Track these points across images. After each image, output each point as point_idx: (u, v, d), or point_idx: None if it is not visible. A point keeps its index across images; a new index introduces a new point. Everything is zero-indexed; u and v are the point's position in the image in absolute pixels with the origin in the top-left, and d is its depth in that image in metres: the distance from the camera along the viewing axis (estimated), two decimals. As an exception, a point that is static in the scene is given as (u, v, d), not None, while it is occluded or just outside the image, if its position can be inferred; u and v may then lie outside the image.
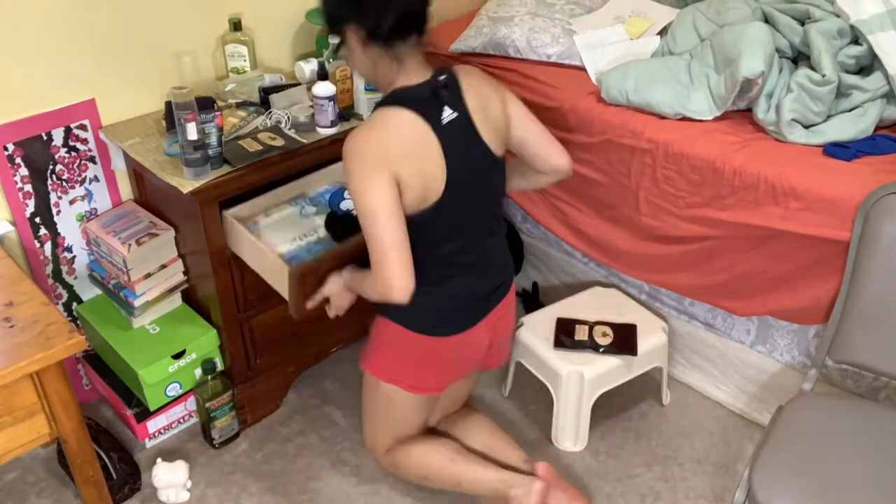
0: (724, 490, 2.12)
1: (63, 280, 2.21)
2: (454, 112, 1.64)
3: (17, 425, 1.61)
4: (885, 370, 1.77)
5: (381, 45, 1.58)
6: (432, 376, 1.88)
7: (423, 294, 1.73)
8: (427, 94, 1.62)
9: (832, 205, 1.82)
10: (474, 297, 1.81)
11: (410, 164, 1.58)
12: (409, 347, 1.81)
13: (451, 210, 1.67)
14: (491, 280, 1.83)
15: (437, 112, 1.62)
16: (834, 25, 2.05)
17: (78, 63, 2.02)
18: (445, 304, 1.78)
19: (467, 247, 1.76)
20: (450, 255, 1.74)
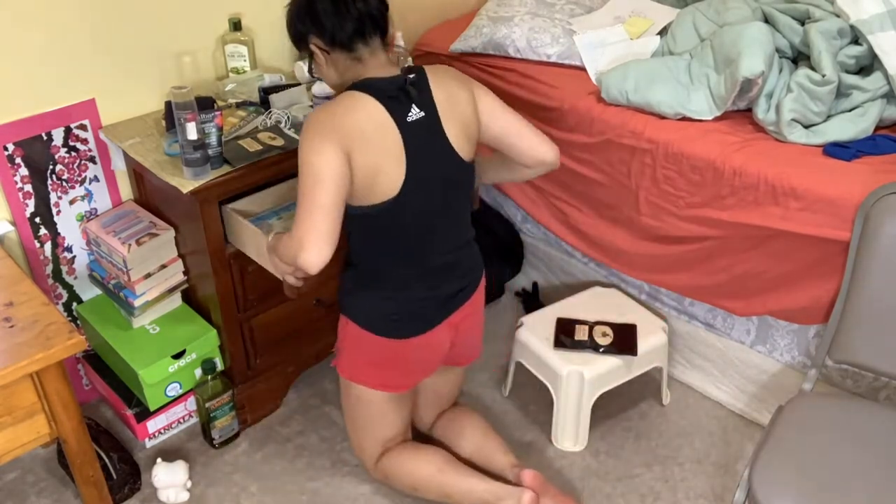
0: (724, 490, 2.12)
1: (63, 280, 2.21)
2: (421, 112, 1.65)
3: (17, 425, 1.61)
4: (885, 370, 1.77)
5: (343, 51, 1.63)
6: (395, 376, 1.90)
7: (380, 294, 1.77)
8: (394, 89, 1.63)
9: (832, 205, 1.82)
10: (434, 301, 1.81)
11: (365, 147, 1.58)
12: (369, 348, 1.83)
13: (410, 208, 1.66)
14: (453, 284, 1.83)
15: (404, 109, 1.63)
16: (834, 25, 2.05)
17: (78, 63, 2.02)
18: (404, 307, 1.79)
19: (429, 250, 1.76)
20: (408, 259, 1.74)
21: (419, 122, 1.64)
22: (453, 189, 1.75)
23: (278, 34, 2.38)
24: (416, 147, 1.63)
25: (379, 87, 1.62)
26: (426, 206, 1.70)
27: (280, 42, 2.41)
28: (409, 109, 1.63)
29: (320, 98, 2.02)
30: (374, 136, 1.59)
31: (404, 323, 1.80)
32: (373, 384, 1.89)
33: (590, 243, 2.40)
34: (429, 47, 2.62)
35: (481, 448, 2.04)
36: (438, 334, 1.84)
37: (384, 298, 1.78)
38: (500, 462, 1.99)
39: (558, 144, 2.30)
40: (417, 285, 1.78)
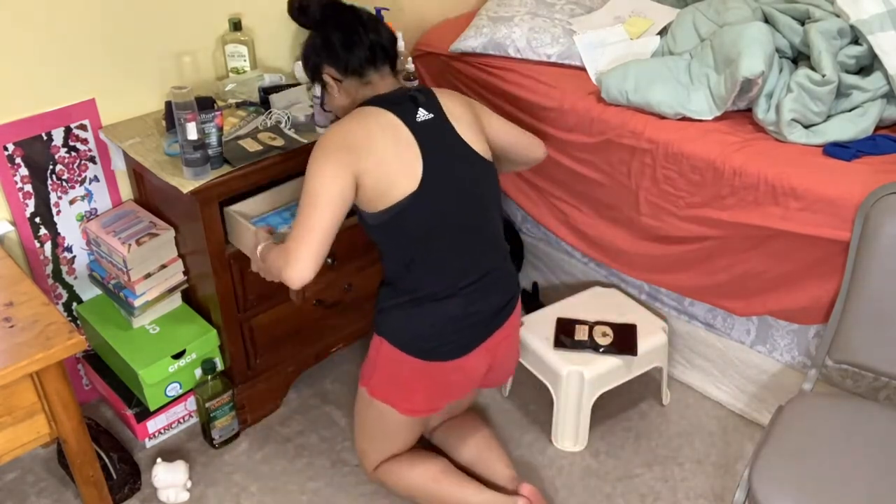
0: (724, 490, 2.12)
1: (63, 280, 2.21)
2: (429, 113, 1.70)
3: (17, 425, 1.61)
4: (885, 370, 1.77)
5: (355, 78, 1.72)
6: (425, 399, 1.87)
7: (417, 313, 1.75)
8: (400, 97, 1.71)
9: (832, 205, 1.82)
10: (473, 322, 1.78)
11: (377, 155, 1.62)
12: (403, 370, 1.80)
13: (432, 204, 1.66)
14: (492, 301, 1.80)
15: (412, 111, 1.68)
16: (834, 25, 2.05)
17: (78, 63, 2.02)
18: (442, 327, 1.75)
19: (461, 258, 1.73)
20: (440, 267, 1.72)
21: (429, 122, 1.69)
22: (477, 188, 1.74)
23: (278, 34, 2.39)
24: (430, 143, 1.67)
25: (385, 98, 1.71)
26: (448, 204, 1.69)
27: (280, 42, 2.41)
28: (417, 112, 1.69)
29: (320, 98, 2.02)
30: (386, 140, 1.64)
31: (442, 344, 1.77)
32: (401, 409, 1.86)
33: (590, 243, 2.40)
34: (429, 47, 2.62)
35: (482, 457, 2.02)
36: (475, 358, 1.82)
37: (423, 318, 1.75)
38: (500, 474, 1.98)
39: (558, 144, 2.32)
40: (454, 301, 1.74)
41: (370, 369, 1.88)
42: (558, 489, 2.13)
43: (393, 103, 1.69)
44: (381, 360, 1.83)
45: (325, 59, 1.75)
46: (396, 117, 1.66)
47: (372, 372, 1.87)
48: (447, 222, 1.70)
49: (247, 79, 2.23)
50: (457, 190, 1.70)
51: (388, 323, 1.80)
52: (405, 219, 1.65)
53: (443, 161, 1.67)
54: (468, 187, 1.72)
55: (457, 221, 1.71)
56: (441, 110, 1.72)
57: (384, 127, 1.65)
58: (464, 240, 1.73)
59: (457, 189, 1.70)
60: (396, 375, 1.83)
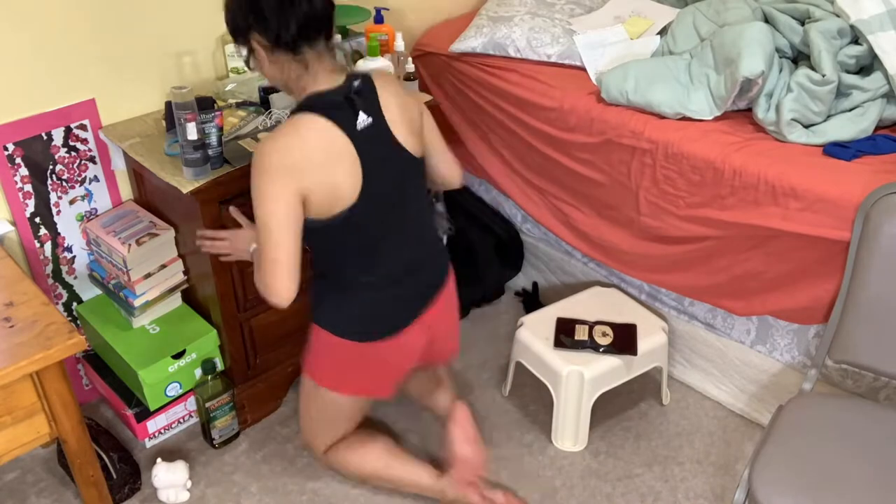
0: (724, 490, 2.12)
1: (63, 280, 2.21)
2: (369, 117, 1.65)
3: (17, 425, 1.61)
4: (885, 370, 1.77)
5: (287, 52, 1.60)
6: (369, 381, 1.91)
7: (347, 300, 1.78)
8: (340, 99, 1.63)
9: (832, 205, 1.82)
10: (402, 300, 1.82)
11: (320, 172, 1.59)
12: (341, 354, 1.84)
13: (369, 213, 1.68)
14: (420, 282, 1.84)
15: (352, 118, 1.62)
16: (834, 25, 2.05)
17: (78, 63, 2.02)
18: (372, 309, 1.80)
19: (391, 252, 1.77)
20: (372, 261, 1.76)
21: (368, 128, 1.65)
22: (409, 188, 1.77)
23: (278, 34, 2.39)
24: (369, 153, 1.64)
25: (324, 102, 1.62)
26: (384, 209, 1.71)
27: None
28: (357, 117, 1.63)
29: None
30: (328, 158, 1.60)
31: (373, 325, 1.81)
32: (346, 391, 1.91)
33: (590, 243, 2.40)
34: (429, 47, 2.62)
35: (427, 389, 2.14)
36: (411, 335, 1.85)
37: (353, 304, 1.79)
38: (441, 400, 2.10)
39: (558, 144, 2.32)
40: (384, 286, 1.78)
41: (312, 358, 1.92)
42: (558, 489, 2.13)
43: (332, 107, 1.61)
44: (321, 346, 1.86)
45: (254, 23, 1.58)
46: (336, 127, 1.60)
47: (314, 360, 1.91)
48: (379, 223, 1.73)
49: (247, 79, 2.23)
50: (392, 194, 1.72)
51: (322, 311, 1.83)
52: (340, 227, 1.67)
53: (380, 169, 1.67)
54: (401, 189, 1.74)
55: (388, 221, 1.74)
56: (379, 110, 1.68)
57: (323, 141, 1.59)
58: (394, 233, 1.76)
59: (392, 193, 1.72)
60: (337, 360, 1.86)
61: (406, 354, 1.90)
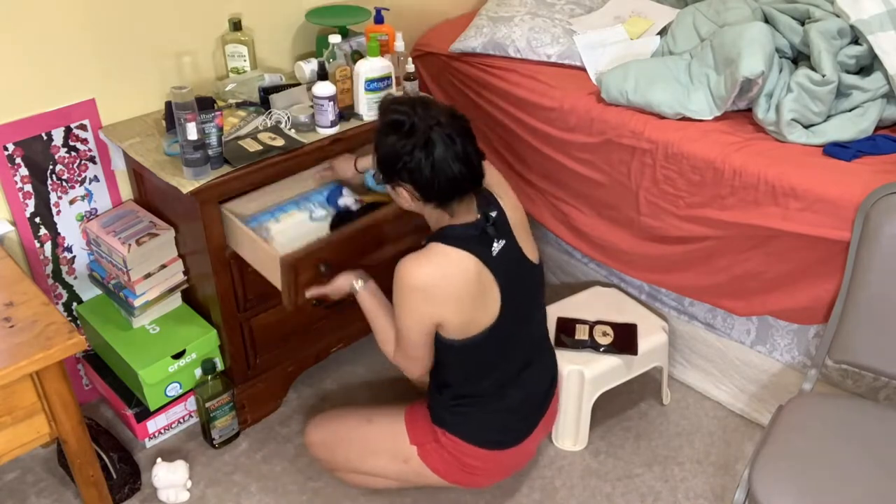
0: (724, 490, 2.12)
1: (63, 280, 2.21)
2: (501, 240, 1.71)
3: (17, 425, 1.61)
4: (885, 370, 1.78)
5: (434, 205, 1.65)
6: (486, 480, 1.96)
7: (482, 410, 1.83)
8: (477, 232, 1.67)
9: (832, 205, 1.82)
10: (531, 406, 1.89)
11: (460, 306, 1.66)
12: (467, 460, 1.86)
13: (507, 332, 1.74)
14: (543, 383, 1.91)
15: (488, 247, 1.69)
16: (834, 25, 2.05)
17: (78, 63, 2.02)
18: (504, 417, 1.85)
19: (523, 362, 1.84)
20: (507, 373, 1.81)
21: (502, 252, 1.71)
22: (537, 296, 1.86)
23: (278, 34, 2.39)
24: (506, 276, 1.71)
25: (462, 235, 1.66)
26: (519, 323, 1.77)
27: (280, 42, 2.41)
28: (493, 244, 1.69)
29: (320, 98, 2.02)
30: (468, 287, 1.66)
31: (504, 433, 1.86)
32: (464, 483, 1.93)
33: (590, 243, 2.40)
34: (429, 47, 2.62)
35: None
36: (535, 436, 1.92)
37: (484, 412, 1.83)
38: None
39: (558, 144, 2.32)
40: (514, 395, 1.84)
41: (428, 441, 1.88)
42: (558, 489, 2.13)
43: (468, 242, 1.65)
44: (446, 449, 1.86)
45: (408, 179, 1.61)
46: (476, 258, 1.65)
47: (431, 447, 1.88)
48: (514, 338, 1.79)
49: (247, 79, 2.23)
50: (525, 310, 1.79)
51: (453, 421, 1.85)
52: (480, 344, 1.73)
53: (515, 286, 1.73)
54: (531, 300, 1.82)
55: (521, 335, 1.81)
56: (509, 230, 1.74)
57: (465, 273, 1.65)
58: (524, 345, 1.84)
59: (525, 310, 1.79)
60: (463, 462, 1.87)
61: (529, 454, 1.97)
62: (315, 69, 2.18)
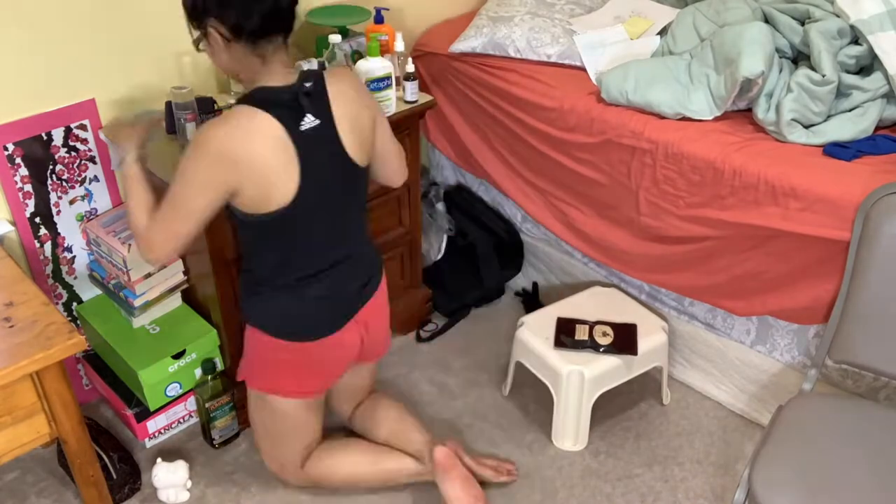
0: (724, 490, 2.12)
1: (63, 280, 2.21)
2: (316, 119, 1.63)
3: (17, 425, 1.61)
4: (885, 370, 1.77)
5: (244, 44, 1.55)
6: (310, 379, 1.91)
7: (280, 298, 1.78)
8: (288, 98, 1.60)
9: (832, 205, 1.82)
10: (338, 300, 1.83)
11: (255, 170, 1.58)
12: (279, 354, 1.84)
13: (304, 215, 1.67)
14: (354, 282, 1.85)
15: (297, 118, 1.60)
16: (834, 25, 2.05)
17: (78, 63, 2.01)
18: (306, 309, 1.80)
19: (324, 254, 1.78)
20: (303, 260, 1.76)
21: (313, 130, 1.63)
22: (348, 194, 1.77)
23: (278, 34, 2.38)
24: (310, 156, 1.63)
25: (272, 98, 1.59)
26: (319, 212, 1.71)
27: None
28: (303, 118, 1.61)
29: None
30: (266, 155, 1.58)
31: (309, 325, 1.81)
32: (288, 392, 1.90)
33: (590, 243, 2.40)
34: (429, 47, 2.62)
35: (396, 433, 2.09)
36: (348, 333, 1.86)
37: (287, 302, 1.79)
38: (416, 439, 2.05)
39: (558, 144, 2.32)
40: (316, 285, 1.79)
41: (248, 361, 1.92)
42: (558, 489, 2.13)
43: (279, 105, 1.58)
44: (258, 349, 1.86)
45: (214, 7, 1.52)
46: (282, 128, 1.58)
47: (251, 363, 1.91)
48: (313, 226, 1.72)
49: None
50: (326, 199, 1.71)
51: (257, 311, 1.83)
52: (273, 225, 1.67)
53: (318, 173, 1.65)
54: (339, 195, 1.74)
55: (322, 224, 1.74)
56: (329, 114, 1.65)
57: (266, 139, 1.57)
58: (327, 235, 1.77)
59: (326, 198, 1.71)
60: (274, 361, 1.86)
61: (345, 351, 1.91)
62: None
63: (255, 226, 1.67)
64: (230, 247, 2.02)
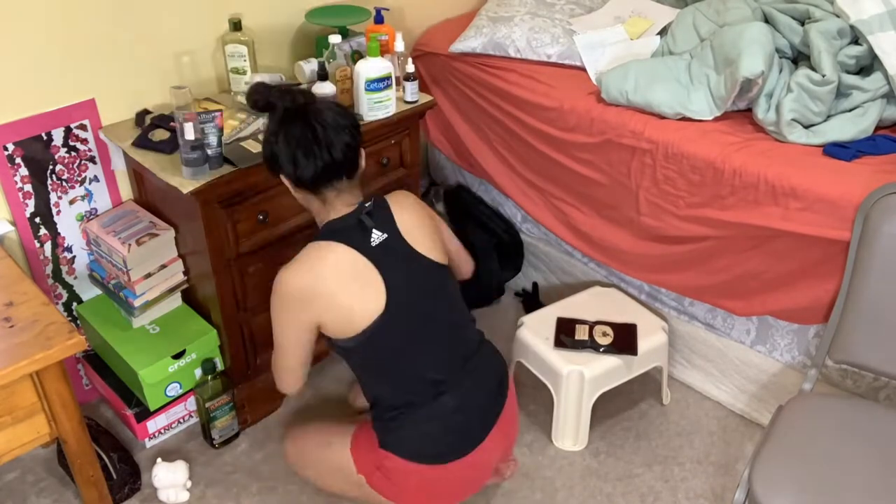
0: (724, 490, 2.12)
1: (63, 280, 2.21)
2: (383, 234, 1.72)
3: (17, 425, 1.61)
4: (885, 370, 1.78)
5: (306, 191, 1.72)
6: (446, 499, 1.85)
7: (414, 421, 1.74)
8: (354, 222, 1.71)
9: (832, 205, 1.82)
10: (474, 408, 1.78)
11: (328, 298, 1.67)
12: (416, 480, 1.77)
13: (401, 326, 1.71)
14: (484, 387, 1.81)
15: (366, 236, 1.71)
16: (834, 25, 2.05)
17: (78, 63, 2.02)
18: (440, 426, 1.75)
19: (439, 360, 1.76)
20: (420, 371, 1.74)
21: (384, 243, 1.72)
22: (438, 296, 1.78)
23: (278, 34, 2.39)
24: (389, 265, 1.70)
25: (341, 227, 1.72)
26: (414, 318, 1.73)
27: (280, 42, 2.41)
28: (371, 234, 1.71)
29: None
30: (341, 279, 1.68)
31: (447, 444, 1.75)
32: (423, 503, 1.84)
33: (590, 243, 2.40)
34: (429, 47, 2.62)
35: None
36: (488, 448, 1.80)
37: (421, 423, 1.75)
38: None
39: (558, 144, 2.32)
40: (445, 397, 1.75)
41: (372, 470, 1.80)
42: (558, 489, 2.13)
43: (345, 233, 1.70)
44: (392, 476, 1.78)
45: (277, 168, 1.71)
46: (351, 248, 1.68)
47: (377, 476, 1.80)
48: (416, 334, 1.74)
49: (247, 80, 2.22)
50: (420, 302, 1.74)
51: (390, 437, 1.77)
52: (375, 341, 1.70)
53: (403, 278, 1.71)
54: (430, 296, 1.77)
55: (425, 330, 1.75)
56: (394, 225, 1.75)
57: (339, 265, 1.68)
58: (435, 343, 1.77)
59: (420, 301, 1.74)
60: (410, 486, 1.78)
61: (486, 465, 1.85)
62: (315, 69, 2.18)
63: (356, 351, 1.73)
64: (230, 247, 2.02)
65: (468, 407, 1.77)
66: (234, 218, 1.99)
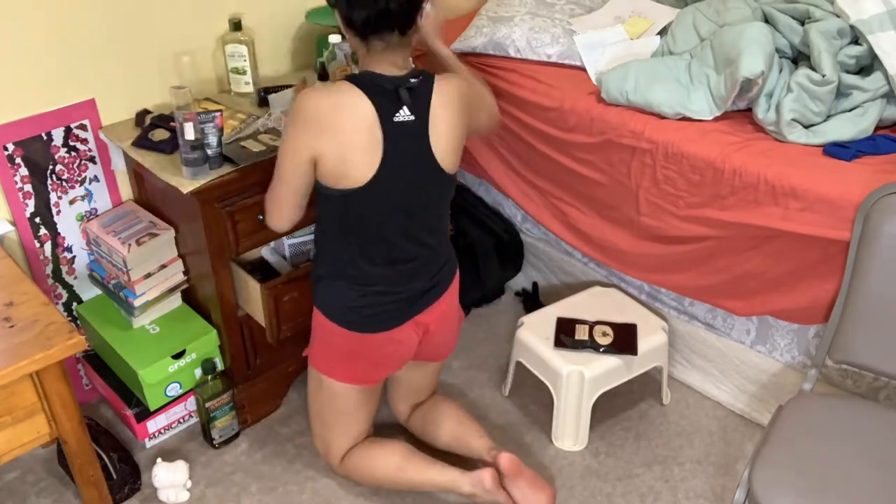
0: (724, 490, 2.12)
1: (63, 280, 2.21)
2: (411, 115, 1.68)
3: (17, 425, 1.61)
4: (885, 370, 1.77)
5: (353, 34, 1.66)
6: (363, 369, 1.94)
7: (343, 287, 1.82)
8: (391, 88, 1.67)
9: (832, 205, 1.82)
10: (400, 300, 1.84)
11: (337, 141, 1.64)
12: (338, 340, 1.88)
13: (377, 202, 1.71)
14: (420, 284, 1.86)
15: (394, 109, 1.66)
16: (834, 25, 2.04)
17: (78, 63, 2.02)
18: (370, 302, 1.83)
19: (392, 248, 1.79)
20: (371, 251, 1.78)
21: (405, 125, 1.68)
22: (429, 195, 1.79)
23: (278, 34, 2.39)
24: (395, 147, 1.67)
25: (374, 83, 1.66)
26: (393, 206, 1.73)
27: (280, 42, 2.41)
28: (399, 110, 1.67)
29: None
30: (354, 131, 1.64)
31: (370, 318, 1.84)
32: (342, 377, 1.94)
33: (590, 243, 2.40)
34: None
35: (457, 436, 2.08)
36: (405, 332, 1.88)
37: (351, 291, 1.82)
38: (476, 446, 2.04)
39: (558, 144, 2.32)
40: (383, 282, 1.82)
41: (313, 341, 1.96)
42: (558, 489, 2.13)
43: (378, 93, 1.65)
44: (319, 330, 1.91)
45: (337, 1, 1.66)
46: (374, 111, 1.64)
47: (313, 342, 1.95)
48: (385, 219, 1.75)
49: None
50: (403, 194, 1.74)
51: (323, 295, 1.87)
52: (348, 204, 1.71)
53: (400, 166, 1.69)
54: (418, 192, 1.76)
55: (396, 220, 1.76)
56: (426, 114, 1.70)
57: (357, 117, 1.64)
58: (400, 233, 1.79)
59: (403, 194, 1.73)
60: (334, 346, 1.90)
61: (400, 348, 1.92)
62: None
63: (330, 201, 1.72)
64: (230, 247, 2.02)
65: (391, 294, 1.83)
66: (234, 218, 1.99)
